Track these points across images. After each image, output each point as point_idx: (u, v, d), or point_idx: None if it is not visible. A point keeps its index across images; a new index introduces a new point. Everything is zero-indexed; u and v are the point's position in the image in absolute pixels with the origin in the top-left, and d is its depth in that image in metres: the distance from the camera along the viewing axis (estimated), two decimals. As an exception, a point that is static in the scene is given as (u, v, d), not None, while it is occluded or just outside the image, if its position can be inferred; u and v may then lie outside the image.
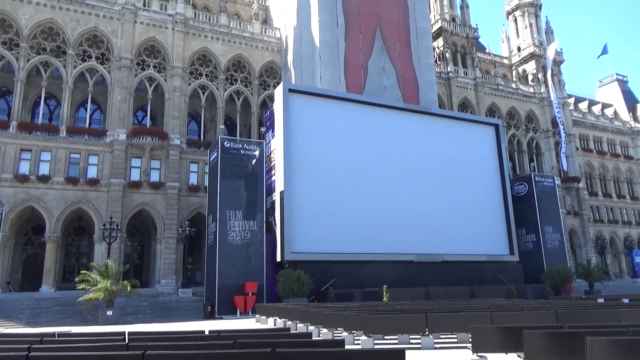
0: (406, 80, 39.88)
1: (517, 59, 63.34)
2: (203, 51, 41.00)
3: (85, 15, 37.29)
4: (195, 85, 40.32)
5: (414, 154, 36.20)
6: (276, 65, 43.64)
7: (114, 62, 37.17)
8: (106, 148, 35.27)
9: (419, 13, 41.36)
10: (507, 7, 66.50)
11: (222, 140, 31.44)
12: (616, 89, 79.53)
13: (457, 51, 55.11)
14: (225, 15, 42.96)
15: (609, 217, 62.94)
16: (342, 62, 37.05)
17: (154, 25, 39.22)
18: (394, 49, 39.36)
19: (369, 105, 35.98)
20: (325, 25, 37.11)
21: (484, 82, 54.54)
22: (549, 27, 63.77)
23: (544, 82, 59.30)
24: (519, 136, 55.82)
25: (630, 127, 71.44)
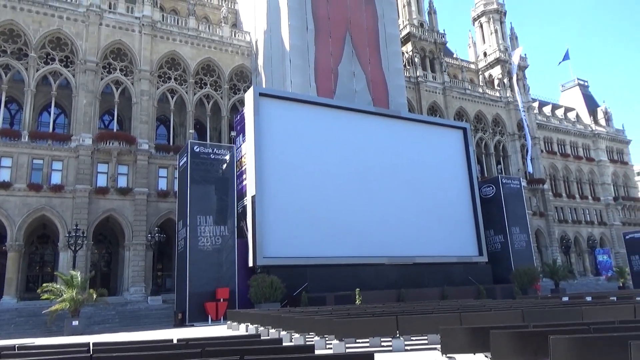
0: (376, 85, 40.27)
1: (484, 64, 64.85)
2: (172, 54, 40.40)
3: (47, 16, 36.22)
4: (164, 89, 39.67)
5: (384, 158, 36.54)
6: (246, 69, 43.39)
7: (78, 65, 36.20)
8: (71, 153, 34.28)
9: (388, 19, 41.88)
10: (473, 13, 68.06)
11: (192, 145, 31.03)
12: (578, 94, 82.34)
13: (425, 56, 56.01)
14: (194, 18, 42.46)
15: (572, 218, 64.99)
16: (313, 66, 37.15)
17: (120, 27, 38.42)
18: (364, 53, 39.73)
19: (340, 109, 36.17)
20: (295, 30, 37.15)
21: (452, 86, 55.59)
22: (513, 33, 65.62)
23: (509, 86, 60.87)
24: (486, 139, 57.09)
25: (591, 130, 74.04)
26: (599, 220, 68.27)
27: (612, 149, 75.52)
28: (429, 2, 60.24)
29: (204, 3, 49.31)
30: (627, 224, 69.53)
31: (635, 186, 78.78)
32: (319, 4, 38.62)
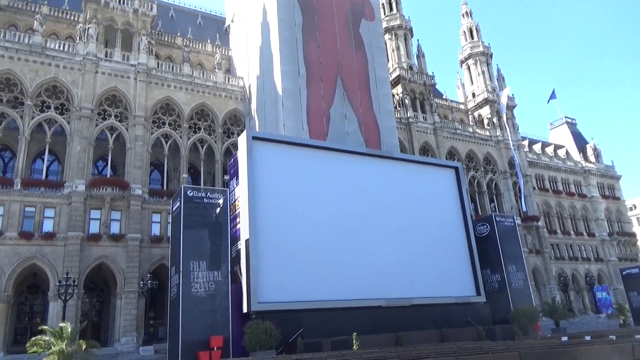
0: (368, 126, 40.85)
1: (473, 104, 66.24)
2: (166, 100, 41.02)
3: (45, 65, 36.91)
4: (158, 134, 40.02)
5: (378, 198, 36.55)
6: (240, 113, 44.03)
7: (73, 112, 36.60)
8: (64, 200, 34.11)
9: (378, 63, 42.98)
10: (461, 56, 70.11)
11: (185, 189, 30.97)
12: (566, 131, 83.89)
13: (415, 97, 57.20)
14: (188, 65, 43.40)
15: (569, 254, 64.76)
16: (305, 109, 37.74)
17: (115, 75, 39.14)
18: (355, 96, 40.52)
19: (333, 151, 36.45)
20: (287, 74, 37.95)
21: (442, 126, 56.51)
22: (500, 74, 67.47)
23: (499, 125, 61.97)
24: (478, 178, 57.54)
25: (582, 167, 74.96)
26: (596, 257, 68.06)
27: (603, 184, 76.25)
28: (417, 46, 62.07)
29: (199, 50, 50.61)
30: (623, 259, 69.32)
31: (628, 221, 79.08)
32: (310, 49, 39.65)
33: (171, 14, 55.55)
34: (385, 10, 62.66)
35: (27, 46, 36.34)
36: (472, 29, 69.89)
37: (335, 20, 41.69)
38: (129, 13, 41.56)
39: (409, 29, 62.43)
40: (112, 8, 40.99)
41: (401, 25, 61.66)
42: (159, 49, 46.20)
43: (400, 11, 63.44)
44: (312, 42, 39.48)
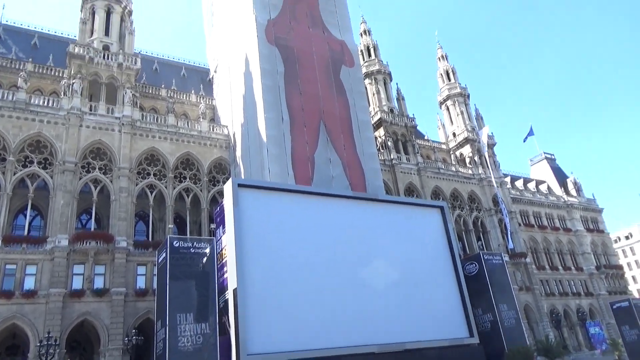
0: (352, 170, 41.24)
1: (454, 143, 67.60)
2: (151, 151, 41.14)
3: (28, 121, 37.03)
4: (143, 185, 39.88)
5: (366, 241, 36.39)
6: (225, 161, 44.25)
7: (57, 167, 36.43)
8: (46, 256, 33.38)
9: (359, 107, 43.93)
10: (439, 97, 72.15)
11: (171, 240, 30.55)
12: (546, 167, 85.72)
13: (398, 139, 58.28)
14: (172, 115, 43.87)
15: (559, 290, 64.66)
16: (290, 155, 38.08)
17: (100, 128, 39.34)
18: (339, 140, 41.11)
19: (319, 195, 36.52)
20: (271, 122, 38.50)
21: (426, 166, 57.36)
22: (478, 114, 69.37)
23: (480, 164, 63.12)
24: (464, 216, 57.97)
25: (564, 201, 76.11)
26: (586, 291, 68.03)
27: (587, 218, 77.29)
28: (397, 90, 63.83)
29: (183, 101, 51.30)
30: (613, 292, 69.39)
31: (614, 254, 79.76)
32: (292, 96, 40.46)
33: (155, 67, 56.58)
34: (364, 56, 64.79)
35: (10, 103, 36.53)
36: (449, 71, 72.30)
37: (316, 67, 42.84)
38: (114, 67, 42.27)
39: (387, 73, 64.40)
40: (96, 63, 41.68)
41: (380, 70, 63.64)
42: (143, 101, 46.74)
43: (379, 57, 65.63)
44: (294, 90, 40.36)
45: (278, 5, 43.35)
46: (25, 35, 50.87)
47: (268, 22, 41.74)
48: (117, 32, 46.05)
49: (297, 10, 44.27)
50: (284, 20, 42.92)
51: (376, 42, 67.13)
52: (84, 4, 46.05)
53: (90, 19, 45.56)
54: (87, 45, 42.32)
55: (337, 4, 47.35)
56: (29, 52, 47.73)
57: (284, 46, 41.53)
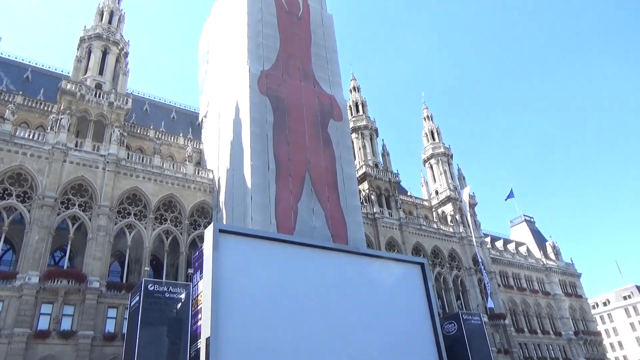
0: (335, 221, 41.28)
1: (436, 201, 68.46)
2: (134, 190, 40.83)
3: (11, 153, 36.69)
4: (122, 224, 39.26)
5: (345, 294, 35.87)
6: (208, 205, 44.02)
7: (36, 201, 35.81)
8: (14, 293, 32.15)
9: (345, 160, 44.58)
10: (423, 155, 73.72)
11: (146, 283, 29.80)
12: (526, 229, 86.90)
13: (381, 194, 58.89)
14: (159, 156, 43.91)
15: (537, 354, 63.88)
16: (273, 203, 38.09)
17: (84, 164, 39.11)
18: (323, 192, 41.38)
19: (300, 245, 36.27)
20: (257, 169, 38.74)
21: (407, 222, 57.72)
22: (461, 173, 70.82)
23: (461, 222, 63.76)
24: (444, 274, 57.85)
25: (543, 264, 76.68)
26: (564, 357, 67.35)
27: (565, 282, 77.71)
28: (383, 146, 65.17)
29: (170, 143, 51.50)
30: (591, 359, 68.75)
31: (593, 320, 79.71)
32: (280, 146, 40.99)
33: (146, 108, 57.15)
34: (352, 111, 66.49)
35: (-5, 134, 36.29)
36: (434, 131, 74.32)
37: (304, 119, 43.71)
38: (104, 106, 42.60)
39: (374, 129, 65.92)
40: (87, 100, 42.00)
41: (367, 125, 65.17)
42: (130, 141, 46.85)
43: (367, 113, 67.39)
44: (282, 140, 40.95)
45: (272, 58, 44.72)
46: (18, 68, 51.27)
47: (261, 73, 42.90)
48: (111, 72, 46.78)
49: (290, 64, 45.68)
50: (276, 72, 44.16)
51: (365, 98, 69.18)
52: (81, 43, 46.94)
53: (86, 57, 46.34)
54: (79, 83, 42.77)
55: (329, 61, 49.03)
56: (20, 85, 47.97)
57: (274, 97, 42.49)
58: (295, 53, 46.79)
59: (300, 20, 49.69)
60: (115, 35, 48.78)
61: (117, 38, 48.69)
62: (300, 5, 50.80)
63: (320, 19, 51.24)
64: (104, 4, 50.99)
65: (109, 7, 50.74)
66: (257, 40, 44.50)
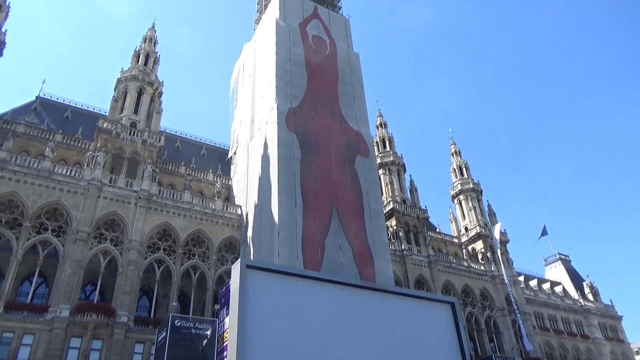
0: (362, 258, 40.83)
1: (466, 238, 67.01)
2: (164, 225, 41.55)
3: (49, 189, 38.04)
4: (152, 259, 39.80)
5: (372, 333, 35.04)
6: (235, 240, 44.30)
7: (70, 235, 36.80)
8: (45, 326, 32.67)
9: (372, 196, 44.46)
10: (452, 191, 72.81)
11: (173, 319, 29.92)
12: (561, 268, 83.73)
13: (409, 230, 58.10)
14: (189, 192, 44.77)
15: (577, 402, 60.33)
16: (300, 239, 38.06)
17: (117, 200, 40.16)
18: (350, 228, 41.16)
19: (327, 282, 35.91)
20: (285, 205, 38.98)
21: (437, 259, 56.50)
22: (491, 209, 69.38)
23: (493, 260, 61.99)
24: (476, 314, 55.93)
25: (581, 306, 73.30)
26: (606, 406, 63.31)
27: (605, 325, 73.90)
28: (410, 181, 64.82)
29: (200, 179, 52.59)
30: (636, 410, 64.40)
31: (637, 366, 75.10)
32: (307, 182, 41.29)
33: (177, 145, 58.82)
34: (379, 147, 66.76)
35: (35, 170, 37.86)
36: (462, 166, 73.61)
37: (332, 155, 44.08)
38: (138, 143, 44.07)
39: (402, 165, 65.79)
40: (122, 138, 43.58)
41: (394, 161, 65.13)
42: (162, 177, 48.08)
43: (394, 148, 67.48)
44: (309, 175, 41.26)
45: (299, 96, 45.72)
46: (59, 108, 53.89)
47: (289, 110, 43.80)
48: (145, 111, 48.62)
49: (317, 102, 46.54)
50: (304, 109, 45.02)
51: (392, 134, 69.47)
52: (118, 84, 49.18)
53: (122, 97, 48.41)
54: (115, 121, 44.55)
55: (355, 97, 49.75)
56: (60, 124, 50.28)
57: (302, 133, 43.15)
58: (322, 91, 47.73)
59: (327, 58, 50.90)
60: (150, 76, 50.96)
61: (152, 79, 50.83)
62: (328, 44, 52.17)
63: (347, 57, 52.39)
64: (141, 47, 53.56)
65: (145, 50, 53.24)
66: (285, 78, 45.68)
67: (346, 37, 55.27)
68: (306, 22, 52.15)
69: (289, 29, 49.58)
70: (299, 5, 53.69)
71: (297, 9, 53.08)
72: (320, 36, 52.14)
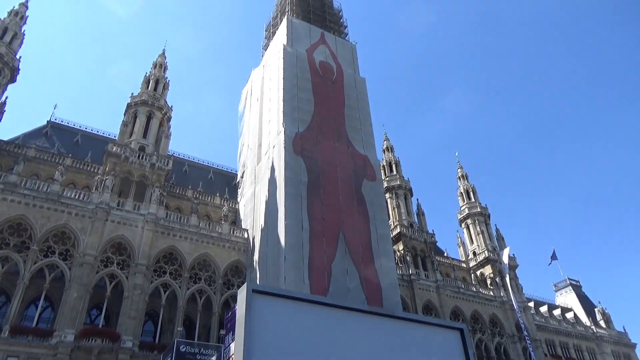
0: (369, 283, 40.45)
1: (474, 263, 66.27)
2: (170, 249, 41.51)
3: (58, 212, 38.26)
4: (158, 283, 39.64)
5: (379, 359, 34.56)
6: (242, 264, 44.12)
7: (76, 259, 36.82)
8: (49, 351, 32.41)
9: (379, 220, 44.32)
10: (460, 215, 72.38)
11: (178, 344, 29.66)
12: (572, 294, 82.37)
13: (417, 254, 57.60)
14: (196, 216, 44.85)
15: None
16: (307, 264, 37.87)
17: (124, 223, 40.28)
18: (357, 252, 40.94)
19: (334, 307, 35.48)
20: (291, 229, 38.92)
21: (445, 284, 55.79)
22: (499, 234, 68.73)
23: (502, 285, 61.11)
24: (485, 341, 54.87)
25: (593, 332, 71.80)
26: None
27: (619, 353, 72.18)
28: (417, 205, 64.55)
29: (207, 202, 52.78)
30: None
31: (652, 396, 72.95)
32: (314, 206, 41.29)
33: (185, 168, 59.28)
34: (386, 171, 66.82)
35: (44, 194, 38.19)
36: (469, 190, 73.36)
37: (338, 179, 44.17)
38: (146, 167, 44.45)
39: (408, 189, 65.68)
40: (130, 162, 43.99)
41: (401, 185, 65.06)
42: (169, 200, 48.28)
43: (400, 172, 67.51)
44: (316, 199, 41.29)
45: (306, 120, 46.14)
46: (70, 133, 54.72)
47: (296, 134, 44.14)
48: (154, 135, 49.20)
49: (324, 126, 46.92)
50: (311, 134, 45.36)
51: (398, 158, 69.60)
52: (128, 108, 49.96)
53: (132, 121, 49.10)
54: (124, 145, 45.06)
55: (362, 122, 50.14)
56: (71, 148, 50.96)
57: (309, 158, 43.37)
58: (329, 115, 48.17)
59: (334, 84, 51.52)
60: (160, 101, 51.75)
61: (161, 104, 51.60)
62: (334, 69, 52.88)
63: (353, 82, 53.02)
64: (151, 73, 54.56)
65: (155, 76, 54.21)
66: (292, 103, 46.20)
67: (352, 63, 56.06)
68: (313, 48, 53.03)
69: (297, 55, 50.39)
70: (306, 31, 54.69)
71: (304, 35, 54.06)
72: (327, 62, 52.91)
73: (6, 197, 36.85)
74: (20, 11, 51.84)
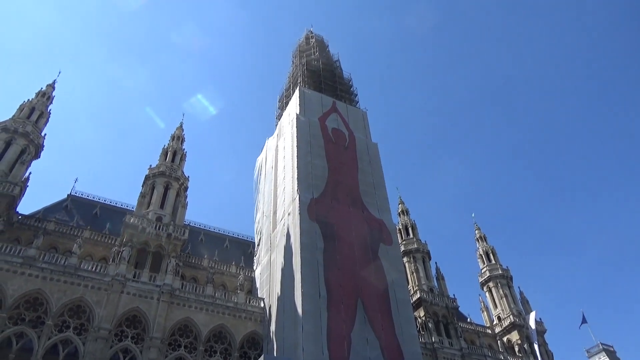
0: (391, 352, 38.84)
1: (500, 328, 63.48)
2: (185, 321, 40.64)
3: (74, 285, 38.12)
4: (172, 357, 38.47)
5: None
6: (258, 335, 42.84)
7: (91, 333, 36.16)
8: None
9: (398, 285, 43.30)
10: (480, 278, 70.31)
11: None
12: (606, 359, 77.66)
13: (439, 321, 55.50)
14: (211, 286, 44.26)
15: None
16: (325, 333, 36.70)
17: (140, 295, 39.84)
18: (376, 319, 39.67)
19: (354, 380, 34.02)
20: (308, 297, 38.13)
21: (470, 353, 53.21)
22: (523, 297, 66.23)
23: (531, 352, 58.07)
24: (518, 414, 51.31)
25: (634, 403, 66.85)
26: None
27: None
28: (436, 269, 62.98)
29: (223, 272, 52.28)
30: None
31: None
32: (331, 272, 40.66)
33: (201, 237, 59.40)
34: (402, 235, 66.03)
35: (61, 267, 38.28)
36: (489, 252, 71.74)
37: (354, 244, 43.76)
38: (163, 237, 44.65)
39: (426, 252, 64.47)
40: (147, 233, 44.28)
41: (419, 248, 63.96)
42: (185, 270, 47.97)
43: (417, 235, 66.59)
44: (332, 265, 40.73)
45: (320, 186, 46.60)
46: (89, 205, 55.79)
47: (310, 200, 44.41)
48: (171, 205, 49.87)
49: (338, 192, 47.26)
50: (325, 199, 45.61)
51: (414, 221, 68.95)
52: (146, 180, 51.11)
53: (150, 192, 50.03)
54: (142, 216, 45.60)
55: (376, 186, 50.44)
56: (89, 221, 51.72)
57: (324, 223, 43.32)
58: (343, 180, 48.65)
59: (347, 149, 52.49)
60: (177, 172, 52.95)
61: (179, 174, 52.75)
62: (347, 136, 54.10)
63: (365, 148, 53.96)
64: (169, 145, 56.32)
65: (172, 148, 55.90)
66: (306, 170, 46.89)
67: (364, 129, 57.39)
68: (325, 116, 54.65)
69: (309, 123, 51.84)
70: (318, 101, 56.63)
71: (316, 104, 55.93)
72: (339, 129, 54.26)
73: (25, 271, 37.01)
74: (47, 92, 54.75)
